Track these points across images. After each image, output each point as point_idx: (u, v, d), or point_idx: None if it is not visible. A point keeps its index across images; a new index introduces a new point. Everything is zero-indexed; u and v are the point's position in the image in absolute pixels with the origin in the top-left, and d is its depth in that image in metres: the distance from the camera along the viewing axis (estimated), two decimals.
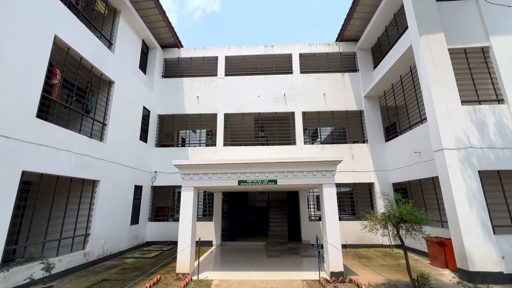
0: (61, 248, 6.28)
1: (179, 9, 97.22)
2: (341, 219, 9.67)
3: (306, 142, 12.20)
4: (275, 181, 6.43)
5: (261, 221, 13.88)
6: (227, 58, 12.12)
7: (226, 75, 11.88)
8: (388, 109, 10.37)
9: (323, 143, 12.50)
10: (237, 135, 12.97)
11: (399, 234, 4.95)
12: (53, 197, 6.14)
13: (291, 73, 11.72)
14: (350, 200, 12.51)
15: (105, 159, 7.75)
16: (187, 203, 6.39)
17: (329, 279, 5.62)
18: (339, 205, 10.79)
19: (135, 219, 9.46)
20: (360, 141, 11.04)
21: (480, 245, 5.61)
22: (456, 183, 5.97)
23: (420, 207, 6.08)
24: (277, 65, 12.12)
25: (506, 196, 6.12)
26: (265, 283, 5.55)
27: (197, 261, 6.27)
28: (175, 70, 12.34)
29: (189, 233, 6.19)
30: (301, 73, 11.67)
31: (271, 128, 11.66)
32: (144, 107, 10.30)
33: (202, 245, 8.91)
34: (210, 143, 12.67)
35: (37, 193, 5.72)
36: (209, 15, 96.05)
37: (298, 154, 10.46)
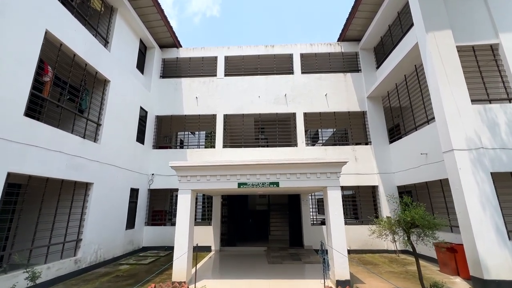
0: (50, 254, 5.91)
1: (179, 13, 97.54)
2: (344, 223, 9.31)
3: (307, 144, 11.91)
4: (277, 184, 6.11)
5: (261, 225, 13.49)
6: (227, 58, 11.88)
7: (225, 76, 11.62)
8: (392, 110, 10.09)
9: (324, 145, 12.20)
10: (237, 136, 12.65)
11: (410, 240, 4.64)
12: (42, 201, 5.77)
13: (292, 73, 11.47)
14: (353, 203, 12.17)
15: (99, 160, 7.42)
16: (184, 207, 6.05)
17: None
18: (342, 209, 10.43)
19: (131, 224, 9.10)
20: (363, 142, 10.75)
21: (495, 251, 5.27)
22: (467, 185, 5.65)
23: (427, 211, 5.75)
24: (277, 65, 11.87)
25: None
26: None
27: (195, 268, 5.93)
28: (173, 70, 12.07)
29: (186, 239, 5.84)
30: (302, 73, 11.42)
31: (271, 129, 11.37)
32: (141, 108, 10.01)
33: (200, 251, 8.56)
34: (209, 145, 12.37)
35: (23, 196, 5.38)
36: (209, 19, 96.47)
37: (299, 156, 10.15)
